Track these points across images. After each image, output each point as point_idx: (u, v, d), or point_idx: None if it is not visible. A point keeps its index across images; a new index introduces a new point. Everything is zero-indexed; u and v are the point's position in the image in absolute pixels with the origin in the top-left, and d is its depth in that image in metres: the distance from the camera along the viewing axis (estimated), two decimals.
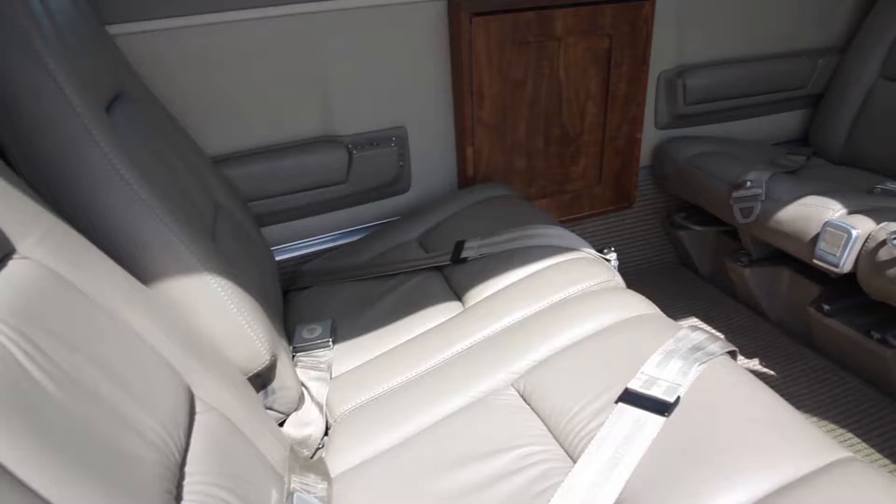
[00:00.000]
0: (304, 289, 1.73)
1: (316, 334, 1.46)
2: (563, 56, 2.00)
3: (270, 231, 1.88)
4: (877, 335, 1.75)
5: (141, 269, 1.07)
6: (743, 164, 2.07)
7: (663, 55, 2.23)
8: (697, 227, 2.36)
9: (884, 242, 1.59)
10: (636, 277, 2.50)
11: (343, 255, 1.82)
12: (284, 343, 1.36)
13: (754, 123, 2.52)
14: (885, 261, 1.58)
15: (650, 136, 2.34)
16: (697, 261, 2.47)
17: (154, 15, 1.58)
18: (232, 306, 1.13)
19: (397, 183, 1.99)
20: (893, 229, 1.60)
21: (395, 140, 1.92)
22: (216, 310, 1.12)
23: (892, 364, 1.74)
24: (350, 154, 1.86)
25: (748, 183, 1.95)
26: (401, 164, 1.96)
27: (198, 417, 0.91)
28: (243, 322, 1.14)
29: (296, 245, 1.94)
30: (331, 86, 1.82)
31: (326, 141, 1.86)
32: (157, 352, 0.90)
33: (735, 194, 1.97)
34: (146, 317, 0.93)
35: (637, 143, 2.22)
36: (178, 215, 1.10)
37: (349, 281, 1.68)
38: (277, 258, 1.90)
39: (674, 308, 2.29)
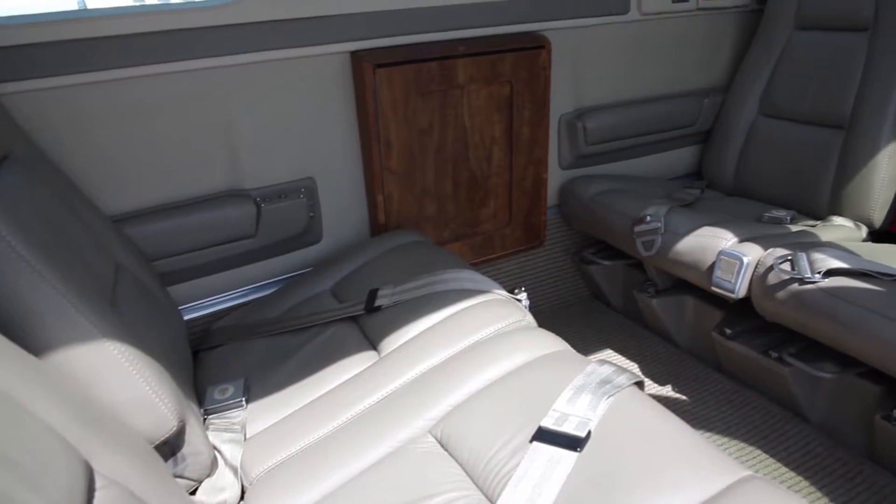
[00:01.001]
0: (215, 347, 1.68)
1: (228, 394, 1.42)
2: (466, 103, 2.06)
3: (178, 290, 1.83)
4: (774, 354, 1.85)
5: (34, 339, 1.01)
6: (643, 200, 2.17)
7: (562, 99, 2.33)
8: (606, 262, 2.45)
9: (771, 268, 1.70)
10: (551, 313, 2.56)
11: (255, 310, 1.78)
12: (194, 406, 1.31)
13: (652, 160, 2.66)
14: (774, 284, 1.69)
15: (555, 176, 2.43)
16: (609, 294, 2.55)
17: (44, 73, 1.53)
18: (134, 373, 1.09)
19: (308, 234, 1.98)
20: (779, 255, 1.72)
21: (304, 191, 1.92)
22: (117, 378, 1.08)
23: (790, 381, 1.84)
24: (258, 207, 1.84)
25: (648, 217, 2.05)
26: (311, 214, 1.95)
27: (98, 494, 0.86)
28: (147, 388, 1.10)
29: (205, 303, 1.89)
30: (236, 140, 1.81)
31: (233, 195, 1.83)
32: (50, 428, 0.85)
33: (637, 229, 2.07)
34: (39, 391, 0.88)
35: (543, 184, 2.30)
36: (72, 281, 1.05)
37: (262, 336, 1.64)
38: (186, 317, 1.84)
39: (589, 341, 2.36)
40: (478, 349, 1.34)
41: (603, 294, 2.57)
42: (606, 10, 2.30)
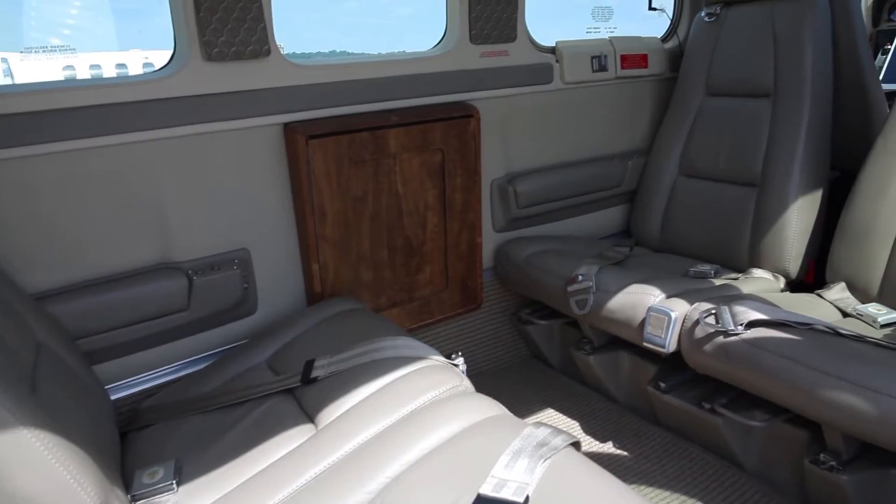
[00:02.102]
0: (144, 427, 1.61)
1: (158, 478, 1.36)
2: (399, 171, 2.10)
3: (104, 368, 1.76)
4: (707, 406, 1.90)
5: None
6: (574, 260, 2.24)
7: (493, 165, 2.41)
8: (543, 321, 2.49)
9: (697, 322, 1.77)
10: (492, 375, 2.56)
11: (187, 386, 1.73)
12: (119, 493, 1.25)
13: (582, 220, 2.76)
14: (701, 338, 1.75)
15: (490, 239, 2.48)
16: (547, 353, 2.58)
17: None
18: (53, 460, 1.04)
19: (243, 305, 1.95)
20: (704, 309, 1.79)
21: (237, 262, 1.90)
22: (35, 466, 1.02)
23: (724, 431, 1.89)
24: (190, 280, 1.81)
25: (580, 277, 2.10)
26: (245, 286, 1.93)
27: None
28: (68, 477, 1.05)
29: (134, 380, 1.82)
30: (167, 213, 1.79)
31: (164, 269, 1.80)
32: None
33: (570, 288, 2.12)
34: None
35: (478, 248, 2.35)
36: None
37: (195, 414, 1.59)
38: (114, 396, 1.77)
39: (529, 402, 2.37)
40: (415, 418, 1.34)
41: (542, 353, 2.60)
42: (531, 81, 2.42)
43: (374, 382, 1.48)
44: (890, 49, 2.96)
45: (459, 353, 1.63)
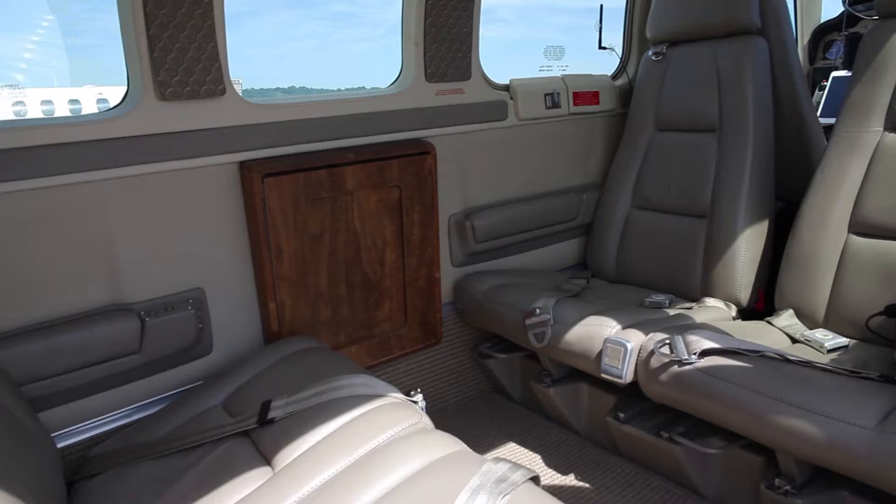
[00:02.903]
0: (93, 476, 1.55)
1: None
2: (356, 208, 2.11)
3: (51, 415, 1.70)
4: (665, 435, 1.92)
5: None
6: (532, 293, 2.26)
7: (450, 200, 2.43)
8: (502, 355, 2.50)
9: (653, 352, 1.80)
10: (453, 411, 2.55)
11: (139, 431, 1.68)
12: None
13: (540, 253, 2.79)
14: (656, 368, 1.78)
15: (448, 274, 2.49)
16: (508, 386, 2.59)
17: None
18: None
19: (197, 346, 1.91)
20: (658, 339, 1.82)
21: (192, 302, 1.87)
22: None
23: (682, 459, 1.91)
24: (143, 322, 1.77)
25: (537, 310, 2.12)
26: (200, 326, 1.90)
27: None
28: None
29: (83, 427, 1.76)
30: (119, 253, 1.75)
31: (115, 310, 1.76)
32: None
33: (528, 321, 2.14)
34: None
35: (437, 283, 2.36)
36: None
37: (147, 460, 1.54)
38: (60, 444, 1.71)
39: (490, 436, 2.36)
40: (374, 457, 1.32)
41: (502, 387, 2.60)
42: (486, 118, 2.46)
43: (332, 422, 1.46)
44: (826, 85, 3.10)
45: (418, 390, 1.62)
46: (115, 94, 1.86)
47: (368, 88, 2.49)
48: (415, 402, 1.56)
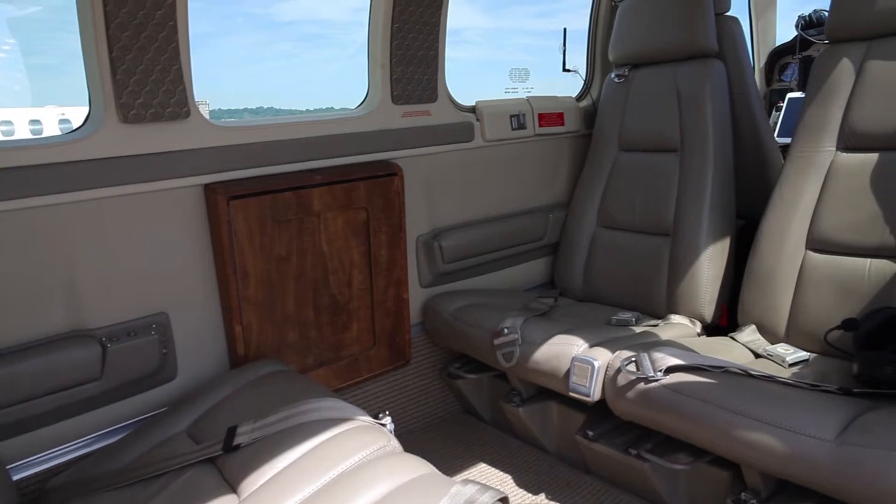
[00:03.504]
0: None
1: None
2: (324, 230, 2.10)
3: (6, 446, 1.64)
4: (633, 452, 1.94)
5: None
6: (500, 313, 2.27)
7: (418, 221, 2.44)
8: (472, 375, 2.49)
9: (619, 369, 1.81)
10: (422, 432, 2.54)
11: (100, 460, 1.64)
12: None
13: (508, 273, 2.81)
14: (623, 385, 1.80)
15: (417, 295, 2.49)
16: (478, 406, 2.58)
17: None
18: None
19: (161, 372, 1.88)
20: (625, 357, 1.84)
21: (155, 327, 1.84)
22: None
23: (650, 475, 1.92)
24: (104, 348, 1.73)
25: (505, 329, 2.13)
26: (164, 351, 1.86)
27: None
28: None
29: (41, 457, 1.71)
30: (80, 277, 1.72)
31: (76, 336, 1.72)
32: None
33: (496, 341, 2.14)
34: None
35: (405, 304, 2.35)
36: None
37: (108, 490, 1.50)
38: (16, 476, 1.65)
39: (460, 457, 2.35)
40: (342, 482, 1.31)
41: (472, 407, 2.60)
42: (453, 139, 2.49)
43: (299, 447, 1.44)
44: (783, 106, 3.20)
45: (387, 412, 1.61)
46: (78, 115, 1.82)
47: (337, 109, 2.50)
48: (383, 425, 1.55)
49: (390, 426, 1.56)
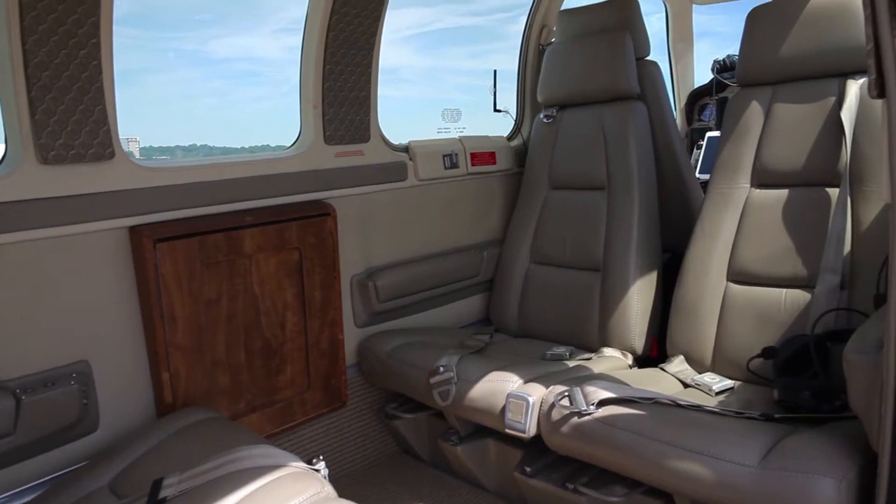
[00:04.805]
0: None
1: None
2: (255, 271, 2.07)
3: None
4: (570, 486, 1.95)
5: None
6: (436, 351, 2.27)
7: (352, 260, 2.43)
8: (409, 415, 2.47)
9: (553, 404, 1.83)
10: (361, 475, 2.49)
11: None
12: None
13: (444, 311, 2.82)
14: (557, 420, 1.82)
15: (352, 335, 2.46)
16: (416, 447, 2.56)
17: None
18: None
19: (81, 423, 1.79)
20: (558, 391, 1.87)
21: (75, 376, 1.76)
22: None
23: None
24: (18, 400, 1.64)
25: (441, 368, 2.13)
26: (85, 401, 1.78)
27: None
28: None
29: None
30: None
31: None
32: None
33: (432, 380, 2.13)
34: None
35: (340, 345, 2.32)
36: None
37: None
38: None
39: (400, 499, 2.31)
40: None
41: (411, 448, 2.57)
42: (386, 179, 2.50)
43: (229, 497, 1.39)
44: (703, 144, 3.36)
45: (321, 457, 1.57)
46: None
47: (271, 147, 2.48)
48: (317, 471, 1.51)
49: (324, 471, 1.52)
